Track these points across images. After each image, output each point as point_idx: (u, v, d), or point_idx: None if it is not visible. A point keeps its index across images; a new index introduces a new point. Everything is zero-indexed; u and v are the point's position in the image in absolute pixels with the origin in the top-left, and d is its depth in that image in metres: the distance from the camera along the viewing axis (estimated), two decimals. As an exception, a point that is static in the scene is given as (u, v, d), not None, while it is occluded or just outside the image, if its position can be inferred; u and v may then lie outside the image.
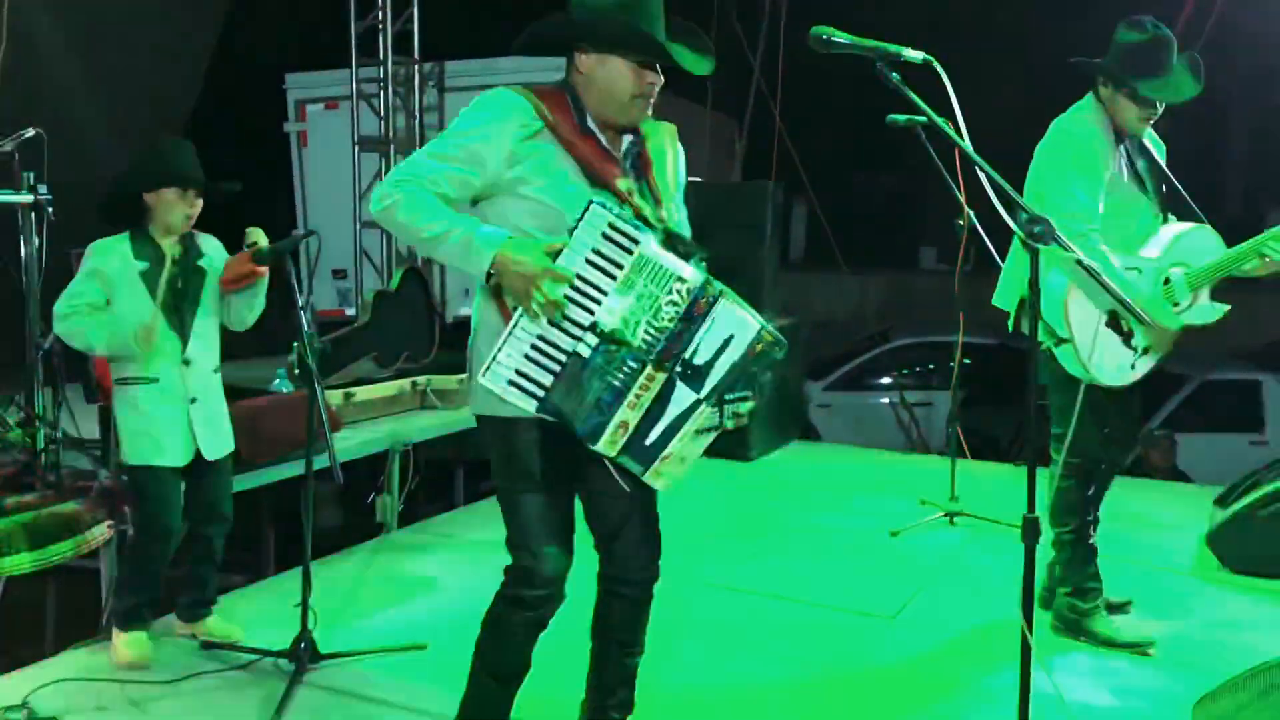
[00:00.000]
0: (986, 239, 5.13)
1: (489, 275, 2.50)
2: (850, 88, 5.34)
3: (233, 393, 5.00)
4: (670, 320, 2.52)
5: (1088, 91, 3.95)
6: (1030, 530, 2.54)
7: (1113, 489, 4.24)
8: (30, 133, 4.34)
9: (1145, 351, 3.76)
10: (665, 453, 2.57)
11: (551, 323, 2.51)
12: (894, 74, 2.54)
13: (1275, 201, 17.13)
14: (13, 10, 5.62)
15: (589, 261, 2.50)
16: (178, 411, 3.71)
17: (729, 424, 2.62)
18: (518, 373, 2.52)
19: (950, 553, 5.01)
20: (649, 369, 2.53)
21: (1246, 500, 4.80)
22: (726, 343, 2.54)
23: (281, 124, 9.08)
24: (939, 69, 2.55)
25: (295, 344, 3.60)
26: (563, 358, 2.52)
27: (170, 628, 3.95)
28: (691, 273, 2.54)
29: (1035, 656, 2.52)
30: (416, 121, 8.19)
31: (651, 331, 2.52)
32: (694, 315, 2.53)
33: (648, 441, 2.56)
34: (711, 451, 2.76)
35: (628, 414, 2.54)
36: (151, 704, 3.48)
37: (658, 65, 2.65)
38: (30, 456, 4.25)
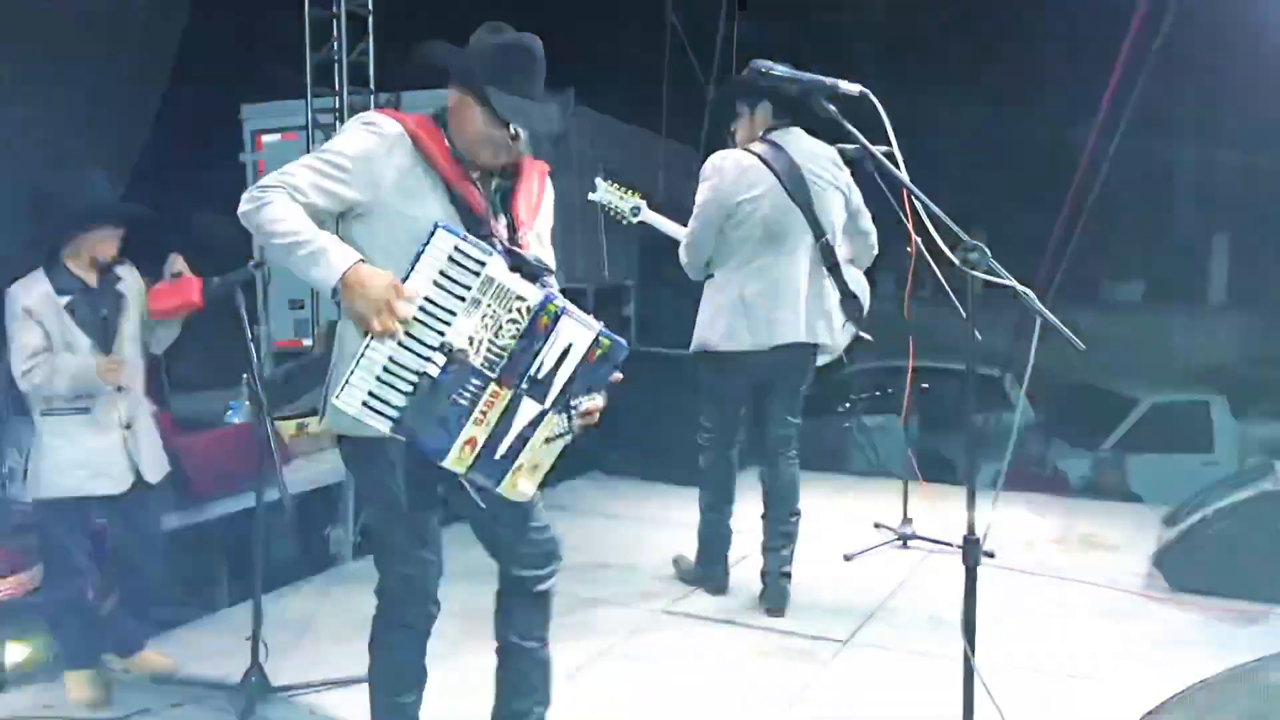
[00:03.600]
0: (933, 264, 5.19)
1: (334, 292, 2.54)
2: (805, 116, 5.39)
3: (185, 425, 4.98)
4: (511, 338, 2.60)
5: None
6: (972, 552, 2.59)
7: (1063, 510, 4.35)
8: (-23, 166, 4.32)
9: None
10: (517, 464, 2.66)
11: (402, 344, 2.55)
12: (830, 106, 2.60)
13: (1223, 223, 17.48)
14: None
15: (436, 283, 2.55)
16: (114, 439, 3.69)
17: (577, 428, 2.71)
18: (370, 394, 2.55)
19: (902, 576, 5.05)
20: (492, 386, 2.61)
21: (1193, 520, 4.88)
22: (565, 352, 2.64)
23: (238, 155, 9.06)
24: (875, 102, 2.61)
25: (246, 376, 3.60)
26: (414, 378, 2.56)
27: (112, 663, 3.90)
28: (532, 292, 2.63)
29: (978, 678, 2.56)
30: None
31: (494, 350, 2.60)
32: (535, 333, 2.62)
33: (497, 455, 2.65)
34: (662, 475, 2.81)
35: (474, 430, 2.61)
36: (99, 741, 3.45)
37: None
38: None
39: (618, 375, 2.72)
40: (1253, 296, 15.47)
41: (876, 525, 5.68)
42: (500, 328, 2.58)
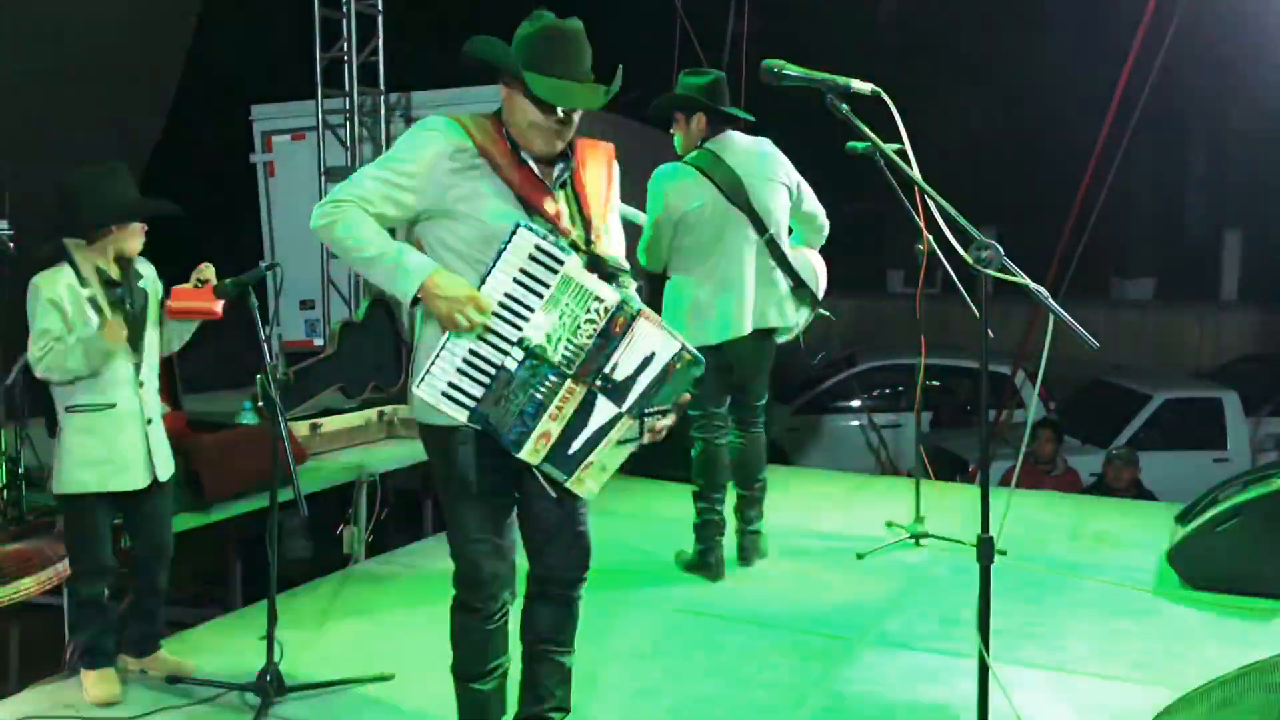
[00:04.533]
0: (945, 262, 5.20)
1: (415, 300, 2.66)
2: (815, 115, 5.43)
3: (198, 425, 5.00)
4: (588, 337, 2.70)
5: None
6: (985, 550, 2.59)
7: (1076, 507, 4.37)
8: (-9, 167, 4.34)
9: None
10: (587, 461, 2.75)
11: (481, 338, 2.67)
12: (843, 105, 2.60)
13: (1233, 220, 17.42)
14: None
15: (516, 280, 2.66)
16: (138, 434, 3.70)
17: (645, 438, 2.81)
18: (450, 384, 2.69)
19: (916, 574, 5.05)
20: (569, 383, 2.71)
21: (1206, 517, 4.86)
22: (648, 360, 2.72)
23: (248, 155, 9.09)
24: (887, 100, 2.62)
25: (259, 376, 3.61)
26: (492, 370, 2.69)
27: (127, 664, 3.91)
28: (609, 293, 2.71)
29: (993, 675, 2.56)
30: (383, 152, 8.21)
31: (571, 347, 2.70)
32: (611, 333, 2.70)
33: (570, 451, 2.74)
34: (679, 474, 2.82)
35: (549, 425, 2.71)
36: (115, 740, 3.47)
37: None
38: (-8, 492, 4.23)
39: (686, 396, 2.80)
40: (1264, 292, 15.43)
41: (889, 524, 5.67)
42: (579, 326, 2.68)
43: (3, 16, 6.72)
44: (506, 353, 2.68)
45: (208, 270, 3.77)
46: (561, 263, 2.66)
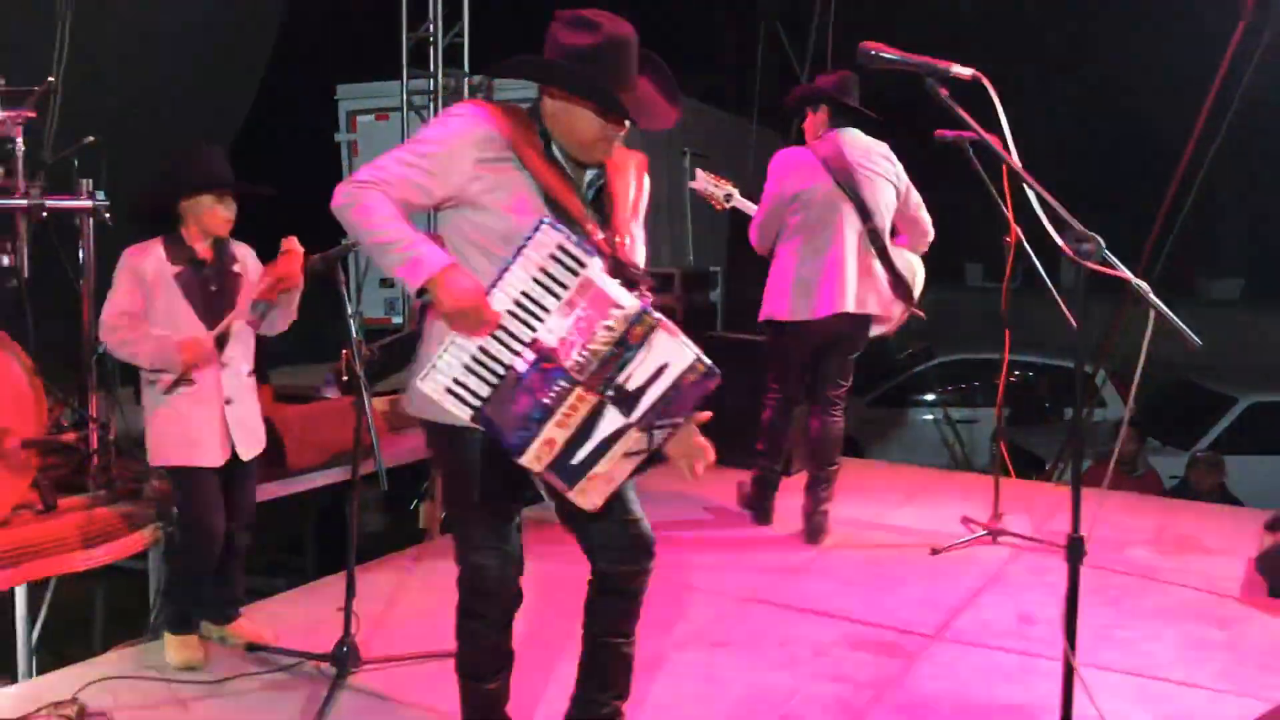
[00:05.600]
0: (1034, 256, 5.11)
1: (420, 291, 2.56)
2: (895, 103, 5.40)
3: (281, 398, 5.09)
4: (604, 344, 2.55)
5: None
6: (1074, 550, 2.54)
7: (1157, 510, 4.29)
8: (89, 140, 4.43)
9: None
10: (592, 472, 2.61)
11: (493, 335, 2.56)
12: (942, 90, 2.55)
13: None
14: (74, 22, 5.75)
15: (536, 280, 2.54)
16: (213, 413, 3.75)
17: (688, 473, 2.73)
18: (455, 381, 2.57)
19: (992, 572, 4.97)
20: (579, 390, 2.57)
21: (1297, 525, 4.72)
22: (660, 371, 2.57)
23: (333, 134, 9.21)
24: (988, 86, 2.56)
25: (344, 351, 3.65)
26: (501, 370, 2.57)
27: (208, 630, 3.99)
28: (629, 300, 2.56)
29: (1078, 678, 2.51)
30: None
31: (585, 354, 2.56)
32: (628, 342, 2.56)
33: (574, 461, 2.60)
34: (750, 462, 2.76)
35: (555, 432, 2.58)
36: (196, 704, 3.54)
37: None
38: (83, 458, 4.33)
39: (705, 415, 2.71)
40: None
41: (965, 520, 5.59)
42: (595, 333, 2.55)
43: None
44: (517, 353, 2.56)
45: (292, 242, 3.81)
46: (583, 265, 2.53)
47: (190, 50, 7.65)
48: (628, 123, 2.69)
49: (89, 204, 4.21)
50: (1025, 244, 5.06)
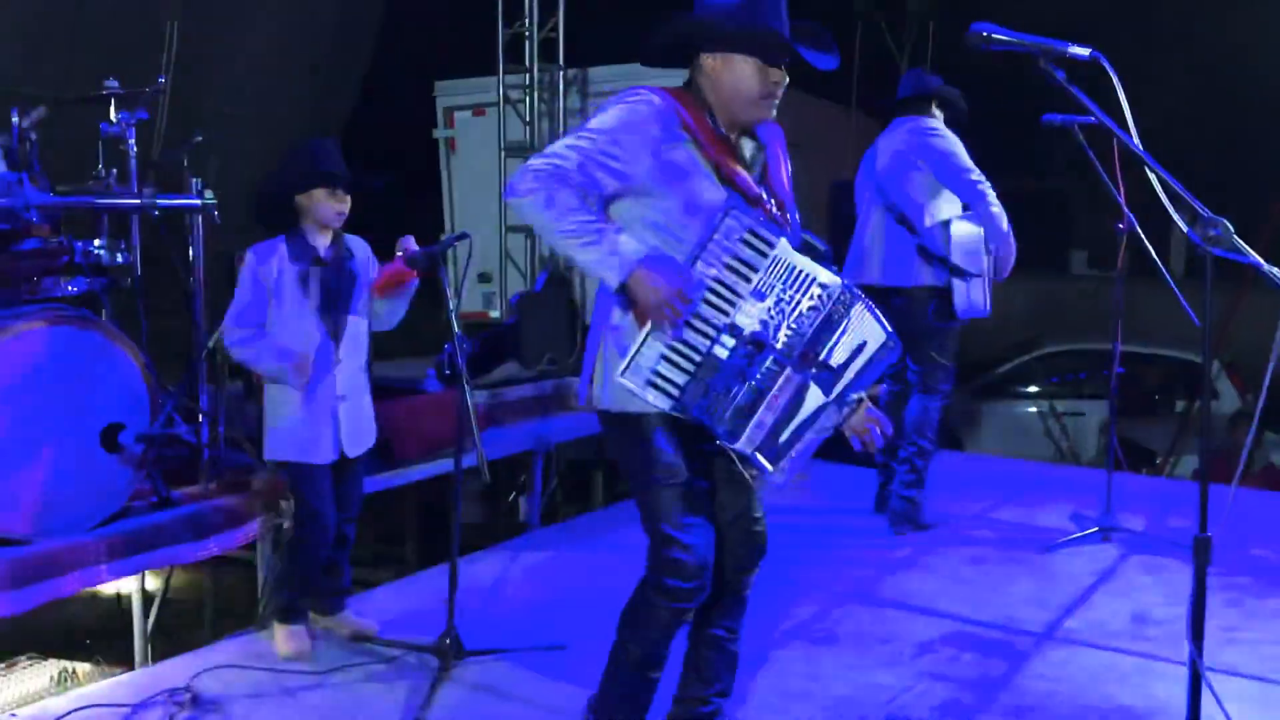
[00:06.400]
0: (1146, 242, 4.93)
1: (621, 286, 2.54)
2: (996, 87, 5.28)
3: (383, 391, 5.15)
4: (810, 324, 2.59)
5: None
6: (1201, 550, 2.42)
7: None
8: (197, 139, 4.53)
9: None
10: (793, 450, 2.64)
11: (690, 324, 2.57)
12: (1058, 71, 2.45)
13: None
14: (182, 23, 5.89)
15: (727, 265, 2.55)
16: (327, 410, 3.80)
17: (865, 440, 2.73)
18: (655, 372, 2.58)
19: (1104, 570, 4.81)
20: (788, 371, 2.60)
21: None
22: (860, 348, 2.62)
23: (431, 131, 9.30)
24: (1106, 65, 2.45)
25: (446, 345, 3.67)
26: (698, 358, 2.58)
27: (316, 621, 4.05)
28: (829, 277, 2.60)
29: (1206, 682, 2.40)
30: (561, 127, 8.28)
31: (791, 333, 2.59)
32: (833, 320, 2.60)
33: (781, 439, 2.63)
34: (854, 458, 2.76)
35: (765, 414, 2.61)
36: (303, 693, 3.59)
37: (782, 64, 2.66)
38: (194, 452, 4.43)
39: (880, 387, 2.71)
40: None
41: (1075, 516, 5.43)
42: (799, 313, 2.59)
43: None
44: (715, 339, 2.57)
45: (409, 242, 3.83)
46: (773, 245, 2.55)
47: (294, 49, 7.79)
48: (786, 76, 2.66)
49: (198, 202, 4.30)
50: (1139, 230, 4.90)
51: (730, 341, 2.57)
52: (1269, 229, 9.08)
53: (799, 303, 2.58)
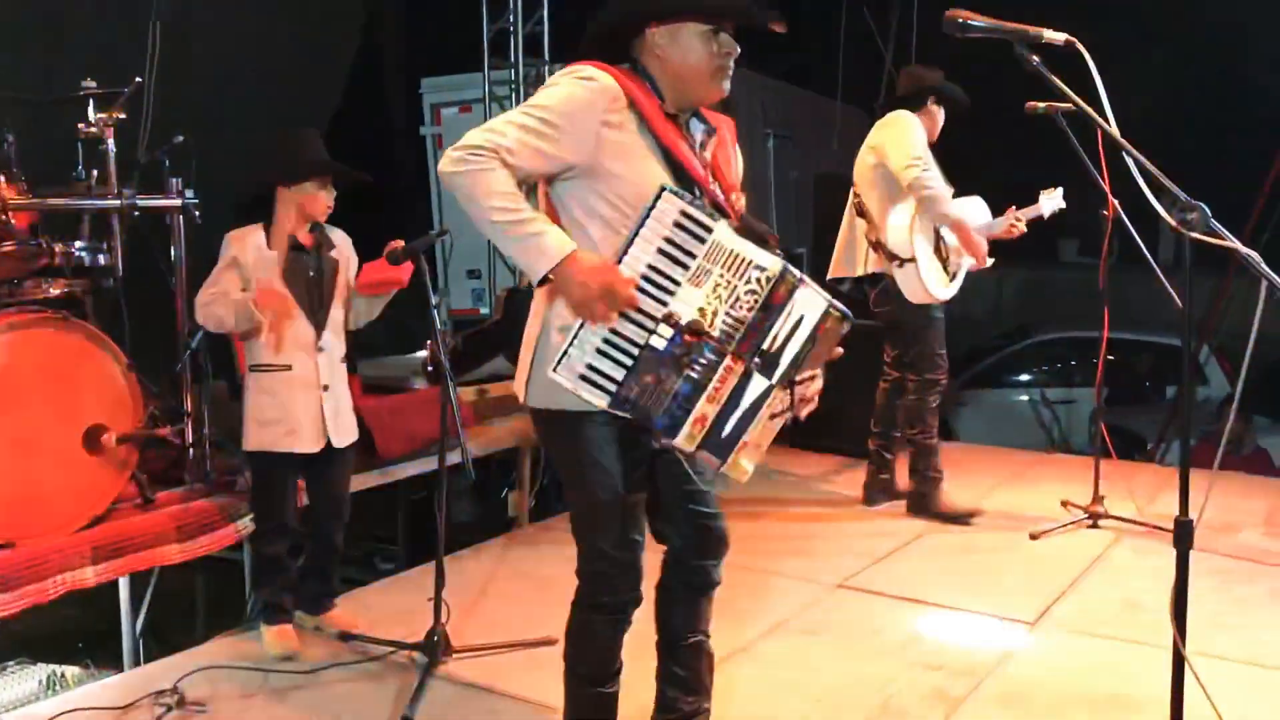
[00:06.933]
0: (1132, 229, 4.93)
1: (544, 279, 2.41)
2: (983, 77, 5.28)
3: (370, 388, 5.14)
4: (750, 310, 2.44)
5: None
6: (1183, 533, 2.42)
7: (1267, 491, 4.10)
8: (179, 139, 4.50)
9: (953, 277, 5.23)
10: (742, 441, 2.49)
11: (623, 314, 2.42)
12: (1035, 57, 2.44)
13: None
14: (162, 22, 5.86)
15: (661, 250, 2.42)
16: (311, 399, 3.79)
17: (800, 410, 2.56)
18: (589, 366, 2.43)
19: (1093, 557, 4.82)
20: (728, 360, 2.46)
21: None
22: (797, 325, 2.47)
23: (418, 128, 9.27)
24: (1083, 51, 2.44)
25: (430, 342, 3.65)
26: (635, 350, 2.43)
27: (303, 620, 4.03)
28: (770, 260, 2.45)
29: (1190, 669, 2.39)
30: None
31: (730, 321, 2.45)
32: (773, 304, 2.45)
33: (725, 433, 2.48)
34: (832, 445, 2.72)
35: (706, 407, 2.46)
36: (293, 693, 3.58)
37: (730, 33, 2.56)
38: (179, 451, 4.41)
39: (838, 351, 2.56)
40: None
41: (1064, 503, 5.43)
42: (737, 299, 2.44)
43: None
44: (652, 330, 2.41)
45: (398, 245, 3.81)
46: (710, 230, 2.41)
47: (277, 48, 7.75)
48: (736, 45, 2.55)
49: (179, 202, 4.28)
50: (1124, 217, 4.90)
51: (668, 331, 2.42)
52: (1258, 210, 9.05)
53: (737, 288, 2.43)
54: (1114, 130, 2.42)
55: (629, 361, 2.43)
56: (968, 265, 5.23)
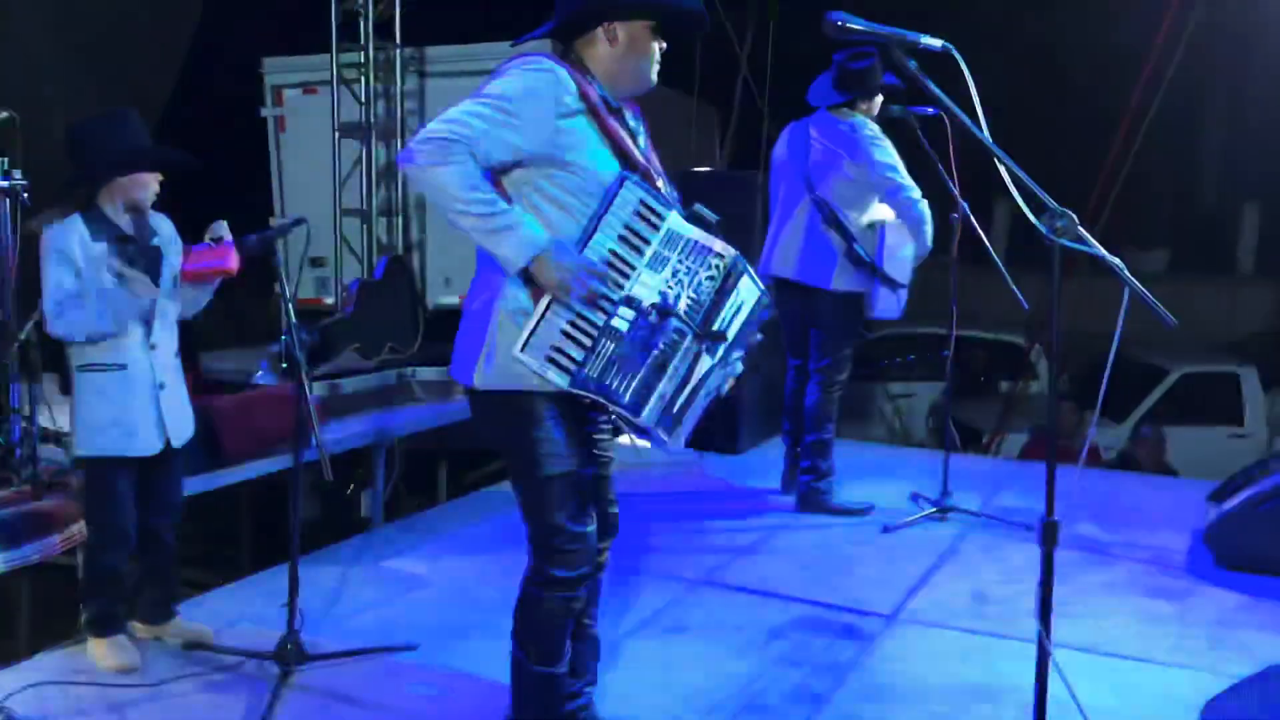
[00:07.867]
0: (980, 231, 5.09)
1: (523, 269, 2.52)
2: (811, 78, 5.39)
3: (215, 385, 4.90)
4: (708, 294, 2.65)
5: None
6: (1049, 534, 2.48)
7: (1097, 483, 4.32)
8: (4, 115, 4.20)
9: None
10: (687, 415, 2.69)
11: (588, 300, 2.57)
12: (911, 61, 2.46)
13: (1252, 192, 17.22)
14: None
15: (621, 237, 2.57)
16: (148, 398, 3.57)
17: (726, 385, 2.78)
18: (554, 348, 2.55)
19: (944, 549, 4.95)
20: (689, 340, 2.64)
21: (1243, 496, 4.76)
22: (737, 310, 2.71)
23: (258, 109, 8.92)
24: (958, 56, 2.48)
25: (283, 336, 3.48)
26: (595, 332, 2.56)
27: (141, 631, 3.81)
28: (724, 247, 2.67)
29: (1054, 664, 2.46)
30: (399, 108, 8.05)
31: (691, 303, 2.64)
32: (725, 288, 2.66)
33: (675, 409, 2.67)
34: (699, 444, 2.80)
35: (666, 385, 2.64)
36: (132, 709, 3.37)
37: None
38: (4, 451, 4.12)
39: (757, 336, 2.79)
40: (1283, 267, 15.27)
41: (914, 497, 5.58)
42: (698, 283, 2.63)
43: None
44: (611, 312, 2.56)
45: (222, 228, 3.61)
46: (663, 217, 2.59)
47: (108, 25, 7.35)
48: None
49: (6, 184, 3.99)
50: (972, 220, 5.05)
51: (629, 314, 2.58)
52: (1089, 215, 9.50)
53: (697, 273, 2.63)
54: (988, 137, 2.46)
55: (589, 342, 2.56)
56: None
